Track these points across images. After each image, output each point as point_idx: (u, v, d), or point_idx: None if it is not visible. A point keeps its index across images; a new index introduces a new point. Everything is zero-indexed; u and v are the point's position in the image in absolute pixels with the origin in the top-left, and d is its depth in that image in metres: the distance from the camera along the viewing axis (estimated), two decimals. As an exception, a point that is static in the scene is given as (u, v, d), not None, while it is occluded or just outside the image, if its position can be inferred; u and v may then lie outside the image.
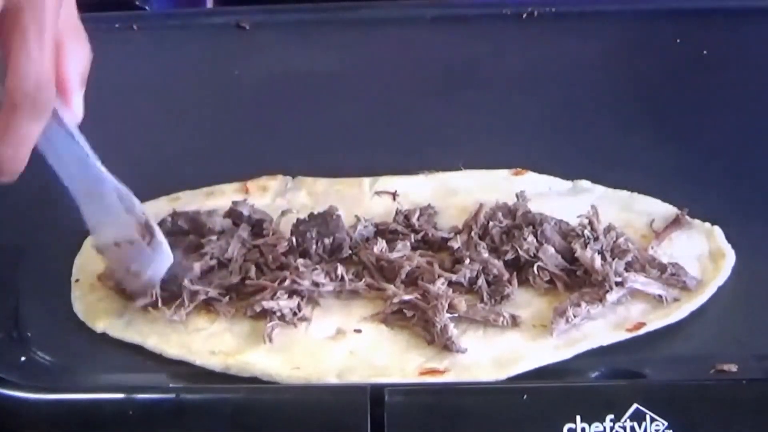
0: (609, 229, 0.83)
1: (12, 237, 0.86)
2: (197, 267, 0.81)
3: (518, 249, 0.82)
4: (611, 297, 0.79)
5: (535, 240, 0.82)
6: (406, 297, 0.79)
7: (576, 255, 0.81)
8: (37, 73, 0.71)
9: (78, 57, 0.75)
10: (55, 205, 0.89)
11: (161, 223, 0.85)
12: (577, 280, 0.81)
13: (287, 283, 0.80)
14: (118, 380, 0.77)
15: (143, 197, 0.88)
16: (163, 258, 0.79)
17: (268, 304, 0.78)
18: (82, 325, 0.80)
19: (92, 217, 0.79)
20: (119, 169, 0.92)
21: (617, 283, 0.79)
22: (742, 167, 0.91)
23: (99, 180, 0.78)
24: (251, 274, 0.81)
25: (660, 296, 0.80)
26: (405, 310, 0.79)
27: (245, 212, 0.85)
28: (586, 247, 0.81)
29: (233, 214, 0.85)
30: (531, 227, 0.83)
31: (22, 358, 0.77)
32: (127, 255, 0.79)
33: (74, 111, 0.76)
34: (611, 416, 0.71)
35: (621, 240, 0.82)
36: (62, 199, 0.89)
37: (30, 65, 0.70)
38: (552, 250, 0.81)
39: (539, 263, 0.81)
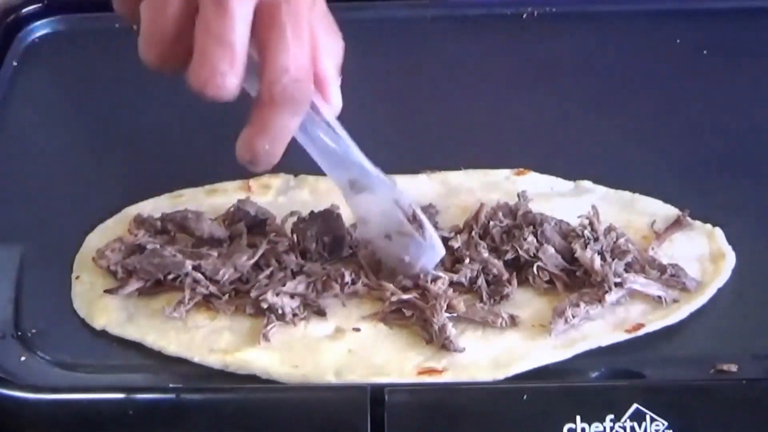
0: (609, 229, 0.83)
1: (12, 235, 0.86)
2: (188, 264, 0.81)
3: (518, 249, 0.82)
4: (610, 298, 0.79)
5: (535, 240, 0.82)
6: (405, 296, 0.79)
7: (576, 255, 0.81)
8: (295, 67, 0.71)
9: (332, 49, 0.75)
10: (55, 204, 0.89)
11: (149, 225, 0.85)
12: (577, 280, 0.81)
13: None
14: (118, 380, 0.77)
15: (146, 194, 0.88)
16: (435, 249, 0.79)
17: (272, 299, 0.78)
18: (82, 324, 0.80)
19: (358, 209, 0.79)
20: (122, 166, 0.92)
21: (616, 284, 0.79)
22: (743, 168, 0.91)
23: (363, 172, 0.77)
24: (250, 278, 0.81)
25: (659, 297, 0.80)
26: (404, 310, 0.79)
27: (251, 211, 0.85)
28: (586, 247, 0.81)
29: (238, 214, 0.85)
30: (531, 227, 0.83)
31: (22, 358, 0.77)
32: (398, 246, 0.79)
33: (332, 103, 0.75)
34: (611, 416, 0.71)
35: (621, 241, 0.82)
36: (62, 199, 0.90)
37: (288, 59, 0.70)
38: (552, 250, 0.81)
39: (539, 263, 0.81)
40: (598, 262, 0.80)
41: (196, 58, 0.71)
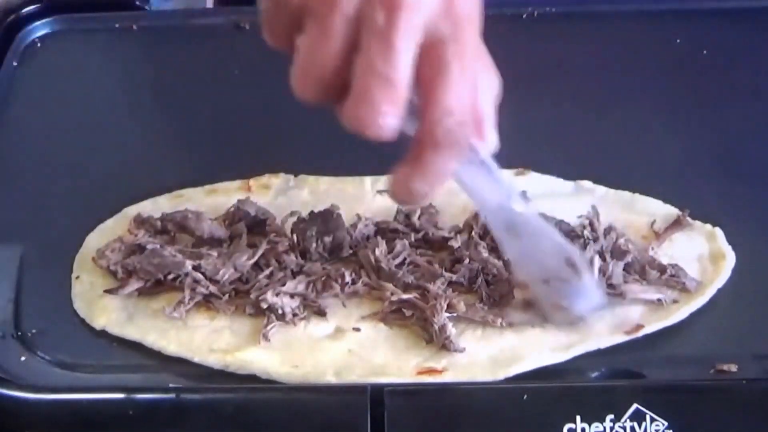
0: (609, 229, 0.83)
1: (12, 235, 0.86)
2: (189, 264, 0.81)
3: (518, 249, 0.82)
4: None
5: (535, 240, 0.82)
6: (405, 296, 0.79)
7: (575, 255, 0.81)
8: (459, 110, 0.68)
9: (489, 86, 0.72)
10: (55, 204, 0.89)
11: (149, 225, 0.84)
12: (577, 280, 0.81)
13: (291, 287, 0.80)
14: (118, 380, 0.77)
15: (145, 195, 0.88)
16: (594, 295, 0.77)
17: (272, 299, 0.78)
18: (82, 324, 0.80)
19: (515, 253, 0.76)
20: (122, 166, 0.92)
21: (617, 294, 0.79)
22: (744, 168, 0.91)
23: (520, 216, 0.74)
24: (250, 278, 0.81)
25: (659, 299, 0.80)
26: (404, 309, 0.79)
27: (251, 211, 0.85)
28: (585, 247, 0.81)
29: (238, 214, 0.85)
30: (531, 227, 0.83)
31: (22, 358, 0.77)
32: (556, 291, 0.76)
33: (488, 140, 0.72)
34: (611, 416, 0.71)
35: (621, 241, 0.82)
36: (62, 199, 0.90)
37: (453, 101, 0.67)
38: (552, 250, 0.81)
39: (539, 263, 0.81)
40: (597, 262, 0.80)
41: (355, 96, 0.67)
